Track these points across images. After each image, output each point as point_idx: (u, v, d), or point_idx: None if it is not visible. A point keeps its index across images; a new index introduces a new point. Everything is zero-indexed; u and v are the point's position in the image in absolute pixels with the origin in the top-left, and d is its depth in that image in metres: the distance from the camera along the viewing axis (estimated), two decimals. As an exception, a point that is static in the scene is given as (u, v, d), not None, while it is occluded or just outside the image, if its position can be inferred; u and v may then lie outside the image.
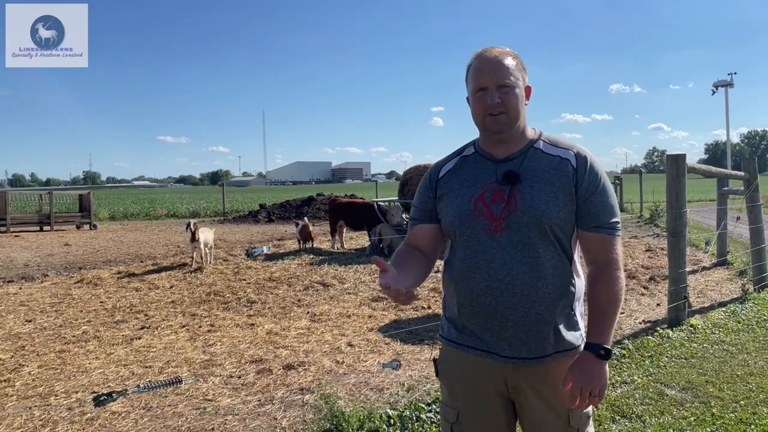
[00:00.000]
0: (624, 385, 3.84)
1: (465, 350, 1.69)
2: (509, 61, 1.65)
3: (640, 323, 5.47)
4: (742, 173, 7.46)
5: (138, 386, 3.95)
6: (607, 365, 1.60)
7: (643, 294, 6.80)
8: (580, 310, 1.70)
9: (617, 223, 1.65)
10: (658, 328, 5.10)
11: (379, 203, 12.07)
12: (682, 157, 5.42)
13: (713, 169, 7.82)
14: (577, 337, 1.67)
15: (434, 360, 1.83)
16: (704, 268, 8.19)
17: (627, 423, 3.28)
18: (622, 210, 20.97)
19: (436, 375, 1.82)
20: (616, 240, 1.64)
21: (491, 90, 1.62)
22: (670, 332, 4.97)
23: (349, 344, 4.95)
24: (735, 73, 45.00)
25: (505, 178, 1.64)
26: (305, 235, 11.62)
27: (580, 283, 1.69)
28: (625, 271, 5.82)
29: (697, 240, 10.90)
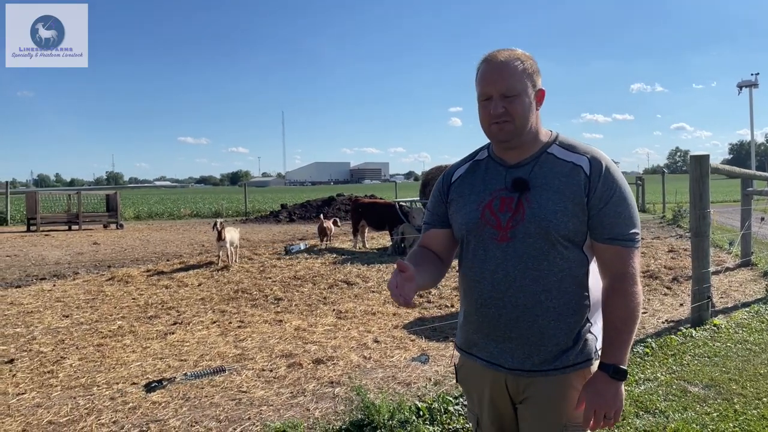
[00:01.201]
0: (647, 382, 3.91)
1: (473, 359, 1.68)
2: (517, 66, 1.56)
3: (663, 323, 5.51)
4: (766, 174, 7.42)
5: (185, 374, 4.16)
6: (622, 386, 1.53)
7: (666, 294, 6.82)
8: (596, 324, 1.61)
9: (635, 234, 1.56)
10: (682, 328, 5.14)
11: (401, 203, 12.19)
12: (706, 157, 5.45)
13: (736, 169, 7.80)
14: (588, 351, 1.59)
15: (455, 366, 1.81)
16: (728, 269, 8.16)
17: (650, 418, 3.36)
18: (643, 211, 20.83)
19: (456, 381, 1.83)
20: (633, 252, 1.55)
21: (495, 99, 1.55)
22: (694, 331, 5.01)
23: (375, 340, 5.07)
24: (758, 74, 44.41)
25: (513, 185, 1.59)
26: (321, 232, 12.25)
27: (597, 296, 1.61)
28: (647, 271, 5.91)
29: (720, 241, 10.83)
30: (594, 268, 1.61)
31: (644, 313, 5.94)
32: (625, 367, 1.53)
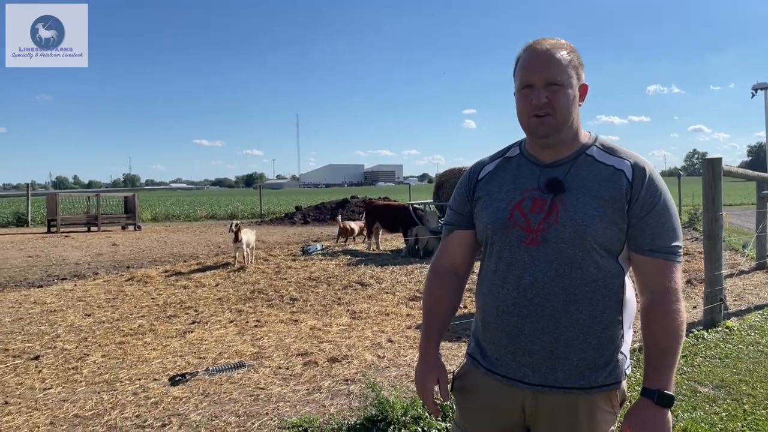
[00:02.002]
0: (657, 383, 3.95)
1: (485, 373, 1.55)
2: (562, 55, 1.46)
3: (676, 325, 5.53)
4: (781, 176, 7.41)
5: (207, 369, 4.31)
6: (669, 414, 1.39)
7: (679, 297, 6.81)
8: (627, 343, 1.50)
9: (678, 247, 1.44)
10: (694, 330, 5.17)
11: (415, 206, 12.28)
12: (718, 160, 5.47)
13: (750, 172, 7.79)
14: (617, 373, 1.47)
15: (453, 374, 1.69)
16: (742, 272, 8.15)
17: (660, 417, 3.41)
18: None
19: (450, 389, 1.67)
20: (676, 267, 1.43)
21: (538, 88, 1.44)
22: (706, 333, 5.04)
23: (389, 340, 5.17)
24: (774, 75, 43.63)
25: (548, 186, 1.47)
26: (342, 233, 12.65)
27: (630, 310, 1.50)
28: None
29: (735, 243, 10.77)
30: (629, 281, 1.51)
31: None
32: (672, 393, 1.40)
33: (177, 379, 4.11)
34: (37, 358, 4.77)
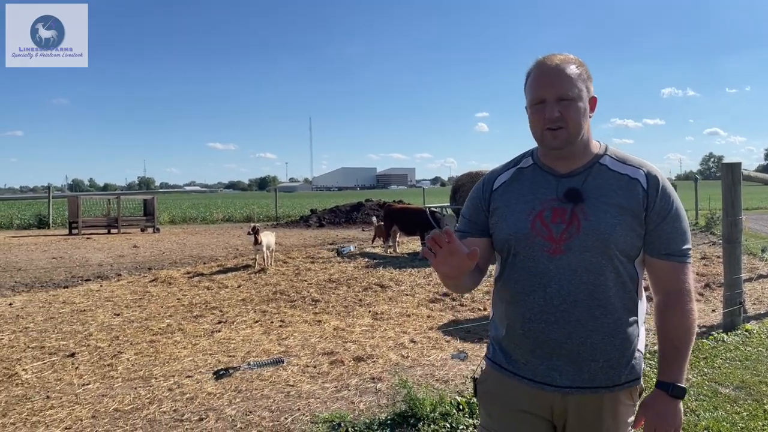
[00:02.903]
0: (679, 383, 4.03)
1: (511, 377, 1.59)
2: (572, 70, 1.52)
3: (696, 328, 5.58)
4: (801, 181, 7.42)
5: (249, 363, 4.54)
6: (681, 404, 1.51)
7: (698, 300, 6.81)
8: (642, 339, 1.59)
9: (689, 250, 1.54)
10: (714, 333, 5.23)
11: (432, 209, 12.39)
12: (738, 165, 5.53)
13: (769, 176, 7.80)
14: (637, 370, 1.56)
15: (474, 379, 1.74)
16: (761, 276, 8.16)
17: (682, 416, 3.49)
18: (675, 217, 20.56)
19: (474, 395, 1.74)
20: (688, 268, 1.53)
21: (550, 102, 1.49)
22: (725, 336, 5.10)
23: (412, 341, 5.28)
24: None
25: (566, 196, 1.53)
26: (378, 234, 12.81)
27: (643, 311, 1.59)
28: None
29: (754, 248, 10.75)
30: (642, 284, 1.58)
31: (676, 318, 6.02)
32: (684, 385, 1.51)
33: (221, 372, 4.33)
34: (72, 355, 4.94)
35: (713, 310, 6.29)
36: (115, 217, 18.42)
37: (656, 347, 1.61)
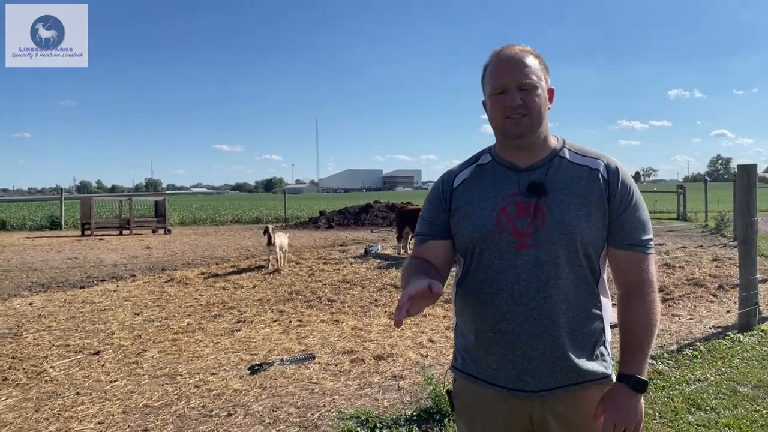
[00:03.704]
0: (698, 382, 4.08)
1: (483, 386, 1.54)
2: (531, 60, 1.51)
3: (711, 328, 5.64)
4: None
5: (282, 359, 4.70)
6: (642, 398, 1.46)
7: (712, 301, 6.91)
8: (608, 334, 1.57)
9: (651, 240, 1.52)
10: (729, 333, 5.27)
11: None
12: (753, 167, 5.58)
13: (784, 178, 7.82)
14: (606, 365, 1.54)
15: (448, 392, 1.67)
16: (774, 277, 8.16)
17: (702, 414, 3.55)
18: (685, 220, 20.56)
19: (451, 409, 1.68)
20: (650, 259, 1.51)
21: (511, 90, 1.48)
22: (741, 336, 5.14)
23: (430, 340, 5.35)
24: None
25: (529, 190, 1.50)
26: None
27: (608, 306, 1.57)
28: (692, 279, 6.08)
29: (766, 250, 10.76)
30: (605, 278, 1.57)
31: (690, 319, 6.07)
32: (646, 378, 1.46)
33: (256, 368, 4.48)
34: (97, 353, 5.04)
35: (727, 311, 6.33)
36: (126, 219, 18.58)
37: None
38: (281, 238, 10.19)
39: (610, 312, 1.57)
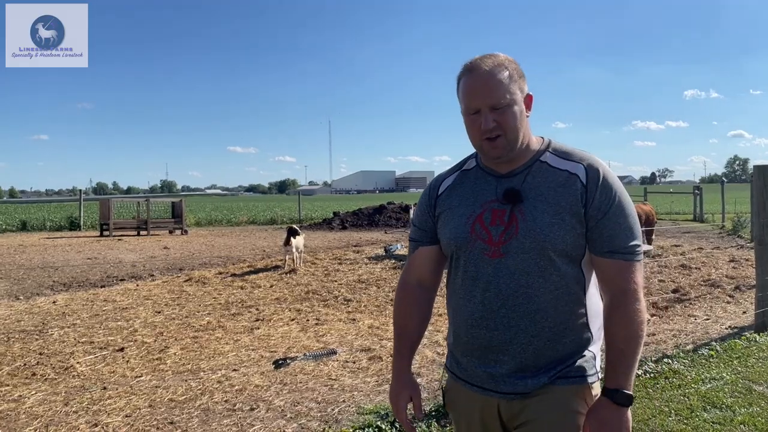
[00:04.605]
0: (713, 381, 4.11)
1: (462, 384, 1.58)
2: (503, 75, 1.45)
3: (727, 329, 5.65)
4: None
5: (305, 354, 4.85)
6: (629, 412, 1.41)
7: (728, 302, 6.91)
8: (595, 343, 1.52)
9: (636, 246, 1.45)
10: (746, 333, 5.29)
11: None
12: (769, 167, 5.57)
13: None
14: (582, 368, 1.48)
15: (443, 389, 1.73)
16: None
17: (718, 412, 3.58)
18: (701, 221, 20.42)
19: (443, 405, 1.75)
20: (635, 267, 1.44)
21: (485, 113, 1.45)
22: (757, 336, 5.15)
23: (446, 338, 5.41)
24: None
25: (505, 197, 1.48)
26: None
27: (599, 311, 1.52)
28: (708, 280, 6.08)
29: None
30: (593, 285, 1.53)
31: (707, 319, 6.08)
32: (631, 392, 1.41)
33: (280, 362, 4.63)
34: (122, 349, 5.17)
35: (744, 312, 6.33)
36: (144, 220, 18.86)
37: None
38: (298, 239, 10.31)
39: (599, 322, 1.53)
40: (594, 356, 1.51)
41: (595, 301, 1.53)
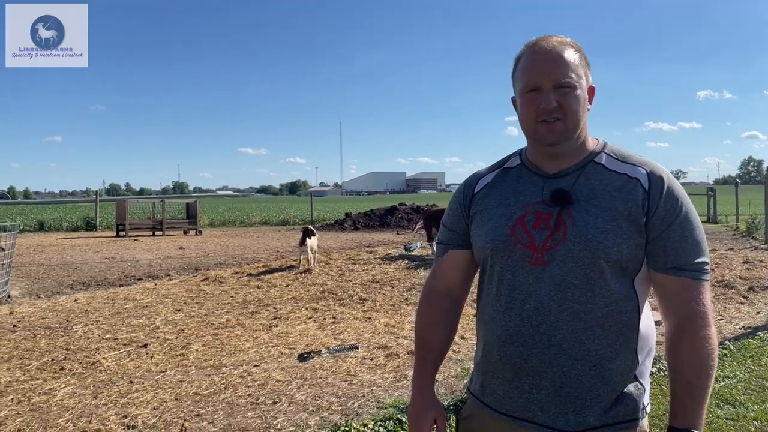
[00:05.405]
0: (726, 379, 4.17)
1: (489, 412, 1.38)
2: (570, 55, 1.31)
3: (740, 329, 5.70)
4: None
5: (328, 349, 5.01)
6: None
7: (742, 303, 6.94)
8: (645, 373, 1.35)
9: (705, 264, 1.28)
10: (759, 333, 5.34)
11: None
12: (783, 168, 5.61)
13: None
14: (632, 408, 1.29)
15: (456, 414, 1.56)
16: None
17: (731, 409, 3.65)
18: (715, 222, 20.32)
19: (456, 431, 1.52)
20: (704, 286, 1.27)
21: (546, 90, 1.29)
22: (771, 336, 5.20)
23: (461, 337, 5.51)
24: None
25: (553, 199, 1.32)
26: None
27: (648, 335, 1.35)
28: (722, 281, 6.19)
29: (798, 252, 10.65)
30: (647, 305, 1.36)
31: (720, 319, 6.12)
32: None
33: (305, 356, 4.80)
34: (145, 346, 5.32)
35: (758, 312, 6.37)
36: (159, 220, 19.10)
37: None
38: (312, 239, 10.45)
39: (652, 340, 1.37)
40: (644, 389, 1.33)
41: (647, 324, 1.35)
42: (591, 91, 1.38)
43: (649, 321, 1.37)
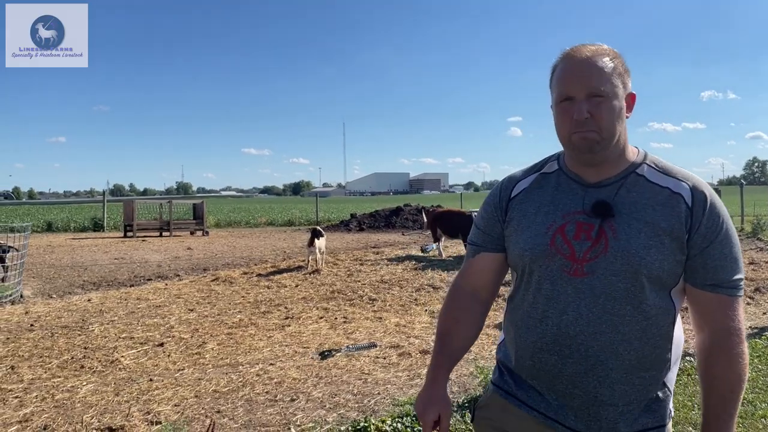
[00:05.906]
0: (734, 378, 4.25)
1: (520, 407, 1.40)
2: (605, 63, 1.30)
3: (747, 329, 5.74)
4: None
5: (347, 347, 5.17)
6: None
7: (748, 303, 7.01)
8: (672, 376, 1.38)
9: (740, 281, 1.30)
10: (766, 333, 5.42)
11: (474, 213, 12.71)
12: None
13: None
14: (661, 415, 1.34)
15: (474, 406, 1.55)
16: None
17: (740, 407, 3.72)
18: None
19: (472, 420, 1.54)
20: (738, 303, 1.30)
21: (579, 101, 1.29)
22: (778, 336, 5.27)
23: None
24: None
25: (594, 210, 1.32)
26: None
27: (679, 344, 1.38)
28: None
29: (804, 253, 10.70)
30: (679, 317, 1.39)
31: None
32: None
33: (326, 354, 4.95)
34: (161, 344, 5.42)
35: (764, 313, 6.45)
36: (167, 221, 19.24)
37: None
38: (321, 240, 10.55)
39: (682, 348, 1.41)
40: (670, 395, 1.37)
41: (678, 334, 1.38)
42: (631, 98, 1.37)
43: (680, 329, 1.40)
